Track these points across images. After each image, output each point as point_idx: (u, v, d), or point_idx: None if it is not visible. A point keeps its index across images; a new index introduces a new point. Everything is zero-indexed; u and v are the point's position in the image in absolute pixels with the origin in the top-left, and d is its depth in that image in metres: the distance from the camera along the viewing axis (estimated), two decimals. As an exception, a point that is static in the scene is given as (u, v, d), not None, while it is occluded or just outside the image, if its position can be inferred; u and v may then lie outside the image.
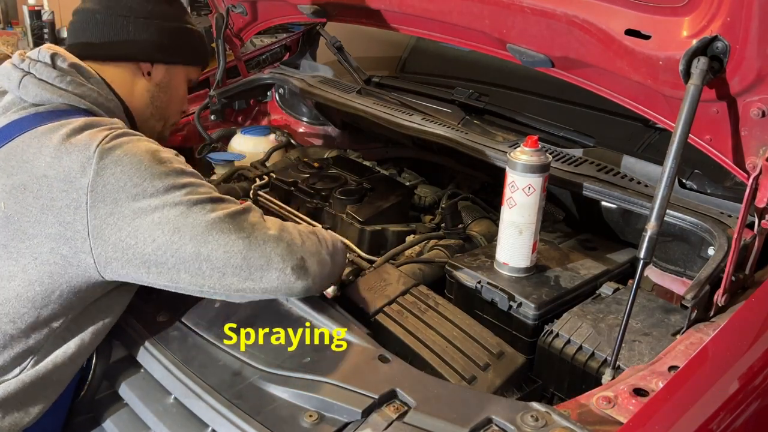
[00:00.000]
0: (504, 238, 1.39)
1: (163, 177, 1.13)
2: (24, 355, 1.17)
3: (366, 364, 1.11)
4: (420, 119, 1.88)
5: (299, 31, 2.59)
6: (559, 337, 1.23)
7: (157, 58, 1.43)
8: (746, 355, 1.00)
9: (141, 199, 1.11)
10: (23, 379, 1.16)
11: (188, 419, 1.13)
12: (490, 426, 0.96)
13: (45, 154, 1.15)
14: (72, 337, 1.20)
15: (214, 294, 1.17)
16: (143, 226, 1.11)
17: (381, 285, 1.39)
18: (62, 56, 1.29)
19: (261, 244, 1.14)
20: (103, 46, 1.39)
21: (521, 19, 1.40)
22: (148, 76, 1.44)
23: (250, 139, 2.24)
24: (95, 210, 1.11)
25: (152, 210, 1.11)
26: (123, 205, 1.11)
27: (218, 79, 2.27)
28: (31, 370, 1.17)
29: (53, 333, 1.18)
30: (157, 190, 1.12)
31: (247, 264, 1.12)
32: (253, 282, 1.14)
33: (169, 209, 1.11)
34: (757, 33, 1.03)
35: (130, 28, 1.39)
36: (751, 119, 1.13)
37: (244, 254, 1.12)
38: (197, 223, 1.12)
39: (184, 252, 1.11)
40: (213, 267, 1.12)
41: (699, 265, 1.36)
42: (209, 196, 1.16)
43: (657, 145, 1.81)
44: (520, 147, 1.35)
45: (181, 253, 1.11)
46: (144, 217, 1.11)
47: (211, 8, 2.25)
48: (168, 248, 1.11)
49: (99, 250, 1.12)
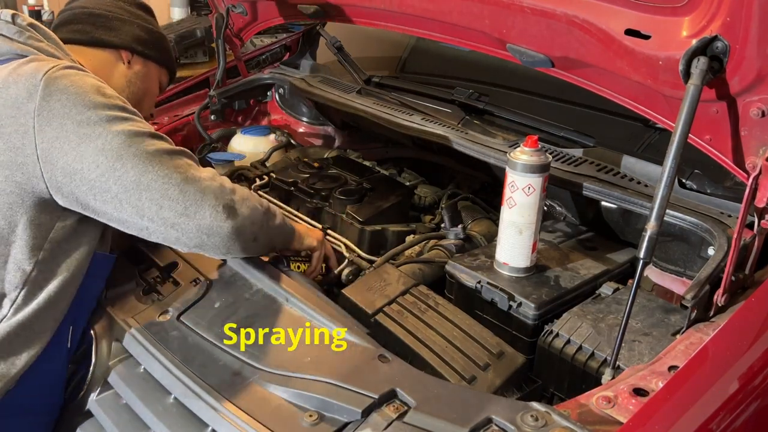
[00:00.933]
0: (504, 238, 1.39)
1: (107, 108, 1.20)
2: (0, 302, 1.21)
3: (366, 364, 1.11)
4: (420, 119, 1.87)
5: (299, 31, 2.59)
6: (559, 337, 1.23)
7: (137, 50, 1.55)
8: (746, 355, 1.00)
9: (85, 126, 1.17)
10: (4, 328, 1.19)
11: (188, 419, 1.13)
12: (490, 426, 0.96)
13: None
14: (47, 284, 1.23)
15: (153, 232, 1.21)
16: (88, 151, 1.16)
17: (381, 285, 1.39)
18: (22, 17, 1.34)
19: (197, 180, 1.21)
20: (87, 32, 1.49)
21: (521, 19, 1.40)
22: (128, 65, 1.54)
23: (250, 139, 2.24)
24: (42, 133, 1.16)
25: (96, 136, 1.17)
26: (68, 129, 1.17)
27: (218, 79, 2.27)
28: (12, 319, 1.20)
29: (28, 279, 1.21)
30: (101, 119, 1.18)
31: (183, 197, 1.18)
32: (187, 217, 1.18)
33: (112, 137, 1.17)
34: (757, 33, 1.03)
35: (114, 22, 1.52)
36: (751, 119, 1.13)
37: (181, 187, 1.18)
38: (139, 153, 1.18)
39: (126, 179, 1.16)
40: (152, 198, 1.17)
41: (699, 265, 1.36)
42: (149, 130, 1.23)
43: (657, 145, 1.81)
44: (520, 147, 1.35)
45: (123, 181, 1.16)
46: (89, 142, 1.16)
47: (211, 8, 2.25)
48: (111, 174, 1.16)
49: (49, 174, 1.18)
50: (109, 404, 1.26)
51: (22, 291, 1.21)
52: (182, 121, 2.22)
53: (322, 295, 1.31)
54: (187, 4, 4.34)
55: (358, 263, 1.62)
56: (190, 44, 3.61)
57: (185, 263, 1.44)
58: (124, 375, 1.25)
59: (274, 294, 1.31)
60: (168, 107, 2.26)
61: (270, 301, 1.30)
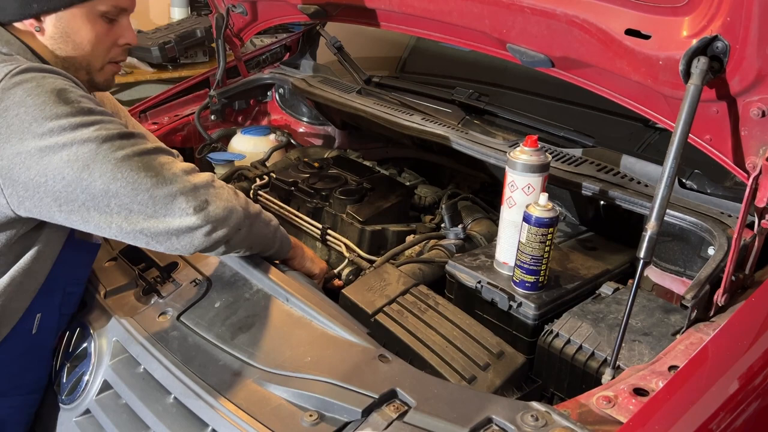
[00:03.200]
0: (504, 238, 1.39)
1: (69, 116, 1.12)
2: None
3: (366, 363, 1.11)
4: (420, 119, 1.88)
5: (299, 31, 2.59)
6: (559, 336, 1.23)
7: (34, 10, 1.24)
8: (746, 355, 1.00)
9: (47, 138, 1.10)
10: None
11: (188, 419, 1.13)
12: (490, 426, 0.96)
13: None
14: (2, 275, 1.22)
15: (123, 236, 1.16)
16: (52, 164, 1.10)
17: (381, 285, 1.39)
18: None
19: (167, 183, 1.14)
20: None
21: (521, 19, 1.40)
22: (39, 32, 1.27)
23: (250, 139, 2.25)
24: (1, 151, 1.11)
25: (60, 148, 1.10)
26: (29, 145, 1.10)
27: (218, 79, 2.27)
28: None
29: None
30: (64, 129, 1.10)
31: (153, 201, 1.13)
32: (156, 220, 1.14)
33: (78, 146, 1.10)
34: (757, 33, 1.03)
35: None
36: (751, 119, 1.13)
37: (151, 192, 1.13)
38: (107, 160, 1.11)
39: (93, 188, 1.11)
40: (121, 204, 1.12)
41: (699, 265, 1.36)
42: (118, 132, 1.14)
43: (657, 145, 1.81)
44: (519, 147, 1.35)
45: (90, 190, 1.11)
46: (52, 155, 1.10)
47: (211, 8, 2.25)
48: (78, 185, 1.11)
49: (10, 190, 1.13)
50: (109, 404, 1.26)
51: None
52: (182, 121, 2.22)
53: (322, 295, 1.31)
54: (187, 4, 4.33)
55: (358, 263, 1.62)
56: (190, 44, 3.61)
57: (185, 263, 1.44)
58: (124, 375, 1.25)
59: (274, 294, 1.31)
60: (168, 107, 2.26)
61: (270, 301, 1.30)
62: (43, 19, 1.25)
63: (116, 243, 1.43)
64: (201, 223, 1.16)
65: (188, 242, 1.17)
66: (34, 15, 1.24)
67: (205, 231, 1.17)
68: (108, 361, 1.29)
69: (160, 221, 1.14)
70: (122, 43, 1.35)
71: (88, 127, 1.12)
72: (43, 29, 1.26)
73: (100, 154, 1.11)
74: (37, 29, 1.26)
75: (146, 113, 2.20)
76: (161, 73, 3.73)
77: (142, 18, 4.19)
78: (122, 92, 4.34)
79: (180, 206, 1.14)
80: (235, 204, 1.23)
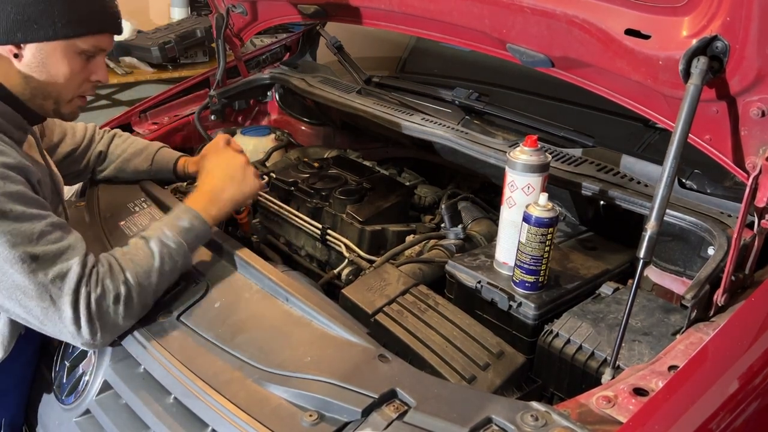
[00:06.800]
0: (504, 238, 1.39)
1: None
2: None
3: (366, 363, 1.11)
4: (420, 119, 1.88)
5: (299, 31, 2.59)
6: (558, 336, 1.23)
7: (17, 39, 1.23)
8: (746, 355, 1.00)
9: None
10: None
11: (188, 419, 1.13)
12: (490, 425, 0.96)
13: None
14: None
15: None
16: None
17: (381, 285, 1.39)
18: None
19: (57, 320, 1.16)
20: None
21: (521, 19, 1.40)
22: (17, 58, 1.25)
23: (250, 139, 2.25)
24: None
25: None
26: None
27: (218, 79, 2.27)
28: None
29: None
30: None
31: (44, 327, 1.19)
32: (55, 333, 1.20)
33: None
34: (757, 33, 1.03)
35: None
36: (750, 119, 1.13)
37: (41, 319, 1.17)
38: (4, 279, 1.13)
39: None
40: (16, 315, 1.19)
41: (699, 264, 1.36)
42: (23, 251, 1.13)
43: (657, 145, 1.81)
44: (519, 146, 1.35)
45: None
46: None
47: (211, 8, 2.25)
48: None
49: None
50: (109, 404, 1.26)
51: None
52: (182, 121, 2.22)
53: (322, 295, 1.31)
54: (187, 4, 4.33)
55: (358, 263, 1.62)
56: (190, 44, 3.61)
57: (185, 263, 1.44)
58: (124, 375, 1.25)
59: (274, 294, 1.31)
60: (168, 107, 2.26)
61: (270, 301, 1.30)
62: (24, 47, 1.25)
63: (115, 242, 1.43)
64: (90, 335, 1.19)
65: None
66: (16, 42, 1.24)
67: (98, 342, 1.22)
68: (108, 361, 1.29)
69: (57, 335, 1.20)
70: (94, 79, 1.36)
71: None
72: (22, 56, 1.25)
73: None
74: (15, 55, 1.25)
75: (146, 113, 2.20)
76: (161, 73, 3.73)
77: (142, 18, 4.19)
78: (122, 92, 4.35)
79: (70, 330, 1.18)
80: (126, 277, 1.23)
